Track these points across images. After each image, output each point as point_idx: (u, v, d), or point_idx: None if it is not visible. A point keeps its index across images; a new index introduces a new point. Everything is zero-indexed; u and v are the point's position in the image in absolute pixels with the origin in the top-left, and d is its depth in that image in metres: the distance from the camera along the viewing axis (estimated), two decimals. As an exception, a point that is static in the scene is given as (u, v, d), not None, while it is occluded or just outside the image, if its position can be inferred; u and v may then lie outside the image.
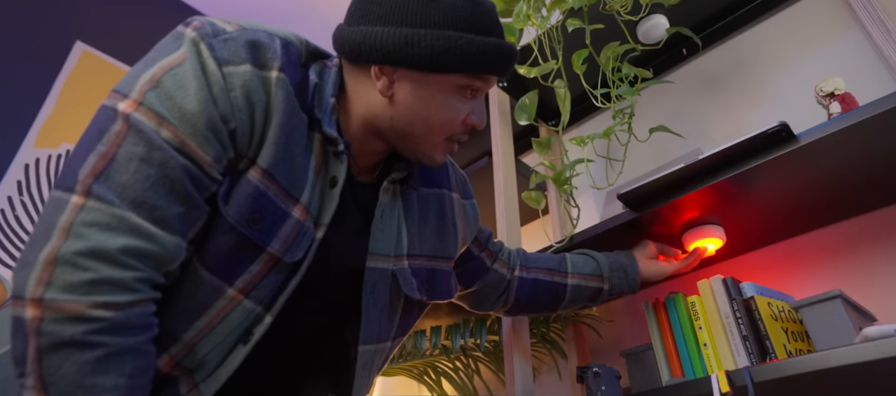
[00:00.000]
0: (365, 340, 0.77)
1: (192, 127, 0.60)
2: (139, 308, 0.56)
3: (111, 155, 0.57)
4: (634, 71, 1.25)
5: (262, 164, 0.65)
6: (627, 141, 1.28)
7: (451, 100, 0.73)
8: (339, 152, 0.72)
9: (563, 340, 1.45)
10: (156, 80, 0.61)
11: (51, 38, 2.46)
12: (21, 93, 2.29)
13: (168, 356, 0.64)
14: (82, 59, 2.52)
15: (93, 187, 0.55)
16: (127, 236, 0.55)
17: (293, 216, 0.67)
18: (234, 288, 0.65)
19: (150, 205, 0.57)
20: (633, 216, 1.08)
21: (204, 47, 0.63)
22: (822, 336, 0.84)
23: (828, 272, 1.13)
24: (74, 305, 0.52)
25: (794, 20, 1.38)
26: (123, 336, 0.54)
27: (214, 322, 0.65)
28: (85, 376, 0.51)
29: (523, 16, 1.33)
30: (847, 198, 1.05)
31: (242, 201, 0.64)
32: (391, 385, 1.90)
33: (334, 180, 0.72)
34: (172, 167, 0.59)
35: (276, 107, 0.65)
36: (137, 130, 0.58)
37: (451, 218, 0.90)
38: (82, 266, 0.53)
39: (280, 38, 0.68)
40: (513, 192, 1.40)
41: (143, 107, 0.59)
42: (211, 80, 0.62)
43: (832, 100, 1.01)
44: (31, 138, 2.26)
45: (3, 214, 2.10)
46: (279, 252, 0.67)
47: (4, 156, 2.20)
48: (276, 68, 0.66)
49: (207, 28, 0.64)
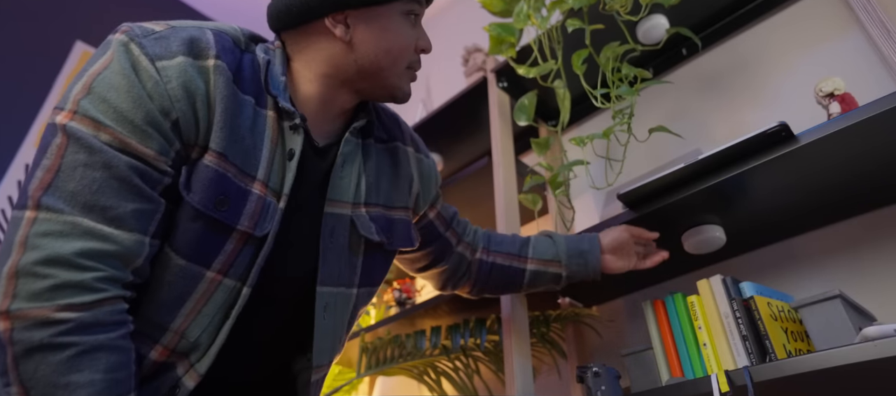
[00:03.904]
0: (324, 281, 0.79)
1: (130, 125, 0.62)
2: (106, 306, 0.58)
3: (56, 167, 0.59)
4: (634, 71, 1.25)
5: (215, 148, 0.67)
6: (627, 141, 1.28)
7: (403, 27, 0.79)
8: (295, 126, 0.75)
9: (563, 340, 1.45)
10: (87, 87, 0.62)
11: (51, 38, 2.46)
12: (21, 93, 2.29)
13: (161, 346, 0.67)
14: (82, 59, 2.52)
15: (42, 199, 0.58)
16: (81, 240, 0.57)
17: (254, 192, 0.70)
18: (212, 270, 0.68)
19: (101, 207, 0.59)
20: (632, 216, 1.08)
21: (134, 46, 0.64)
22: (822, 337, 0.84)
23: (828, 272, 1.13)
24: (39, 311, 0.54)
25: (794, 20, 1.38)
26: (93, 334, 0.56)
27: (199, 305, 0.68)
28: (60, 375, 0.54)
29: (523, 16, 1.34)
30: (847, 198, 1.06)
31: (205, 186, 0.66)
32: (391, 385, 1.90)
33: (291, 153, 0.74)
34: (116, 166, 0.60)
35: (218, 93, 0.67)
36: (76, 138, 0.60)
37: (405, 168, 0.94)
38: (42, 274, 0.55)
39: (211, 30, 0.71)
40: (512, 192, 1.40)
41: (79, 116, 0.61)
42: (143, 77, 0.63)
43: (832, 101, 1.01)
44: (31, 138, 2.27)
45: (3, 214, 2.10)
46: (249, 228, 0.69)
47: (4, 156, 2.20)
48: (213, 56, 0.68)
49: (136, 30, 0.66)
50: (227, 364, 0.75)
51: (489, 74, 1.63)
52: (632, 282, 1.35)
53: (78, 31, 2.55)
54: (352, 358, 1.74)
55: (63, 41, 2.50)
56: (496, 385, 1.58)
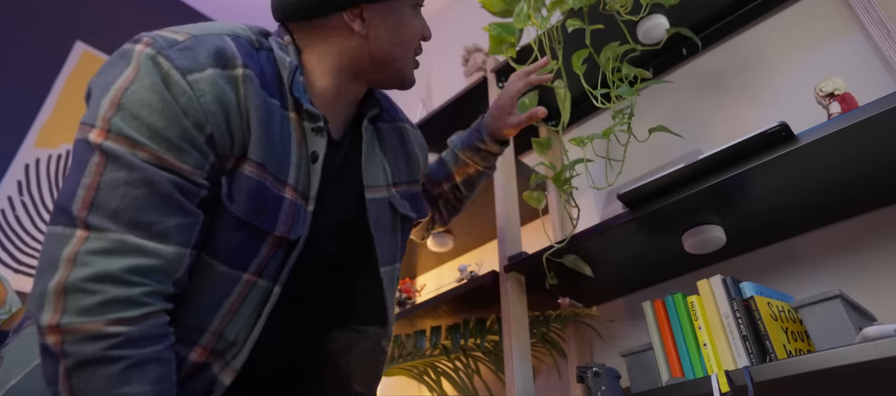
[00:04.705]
0: (384, 262, 0.85)
1: (166, 142, 0.62)
2: (152, 319, 0.60)
3: (96, 185, 0.60)
4: (634, 71, 1.25)
5: (254, 158, 0.68)
6: (627, 141, 1.28)
7: (413, 19, 0.83)
8: (318, 128, 0.76)
9: (563, 340, 1.45)
10: (116, 104, 0.62)
11: (51, 38, 2.46)
12: (21, 94, 2.29)
13: (200, 347, 0.69)
14: (82, 59, 2.52)
15: (88, 219, 0.59)
16: (129, 257, 0.59)
17: (287, 198, 0.72)
18: (249, 272, 0.70)
19: (147, 224, 0.60)
20: (633, 216, 1.08)
21: (162, 60, 0.64)
22: (822, 336, 0.84)
23: (828, 272, 1.13)
24: (91, 325, 0.56)
25: (794, 20, 1.38)
26: (142, 348, 0.58)
27: (236, 306, 0.70)
28: (112, 387, 0.56)
29: (523, 16, 1.34)
30: (847, 198, 1.06)
31: (248, 197, 0.68)
32: (391, 386, 1.90)
33: (315, 155, 0.76)
34: (158, 183, 0.61)
35: (250, 103, 0.68)
36: (114, 157, 0.60)
37: (410, 145, 0.97)
38: (92, 289, 0.57)
39: (229, 36, 0.70)
40: (513, 192, 1.40)
41: (112, 134, 0.61)
42: (176, 92, 0.63)
43: (832, 101, 1.01)
44: (31, 138, 2.27)
45: (3, 214, 2.11)
46: (284, 232, 0.72)
47: (4, 156, 2.20)
48: (240, 65, 0.68)
49: (160, 41, 0.65)
50: (255, 357, 0.78)
51: (489, 74, 1.63)
52: (632, 282, 1.35)
53: (78, 31, 2.55)
54: (352, 358, 1.74)
55: (63, 41, 2.50)
56: (496, 385, 1.58)
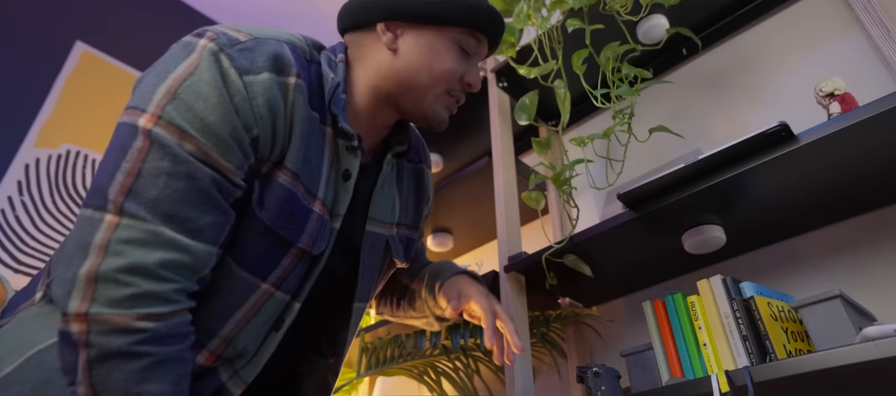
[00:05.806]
0: (359, 298, 0.82)
1: (215, 137, 0.61)
2: (178, 317, 0.59)
3: (136, 171, 0.58)
4: (634, 71, 1.25)
5: (289, 167, 0.68)
6: (627, 141, 1.28)
7: (450, 54, 0.80)
8: (352, 148, 0.75)
9: (563, 340, 1.45)
10: (173, 93, 0.61)
11: (51, 38, 2.46)
12: (21, 93, 2.29)
13: (207, 351, 0.68)
14: (82, 59, 2.52)
15: (124, 205, 0.57)
16: (162, 250, 0.57)
17: (315, 211, 0.71)
18: (268, 282, 0.69)
19: (182, 218, 0.59)
20: (632, 216, 1.08)
21: (224, 57, 0.64)
22: (822, 336, 0.84)
23: (828, 272, 1.13)
24: (120, 318, 0.55)
25: (794, 20, 1.38)
26: (166, 346, 0.57)
27: (250, 315, 0.69)
28: (133, 384, 0.54)
29: (523, 16, 1.34)
30: (847, 198, 1.06)
31: (277, 205, 0.67)
32: (391, 385, 1.90)
33: (347, 174, 0.75)
34: (200, 178, 0.60)
35: (297, 112, 0.68)
36: (161, 145, 0.59)
37: (425, 190, 0.96)
38: (123, 281, 0.55)
39: (287, 44, 0.71)
40: (513, 192, 1.40)
41: (163, 121, 0.60)
42: (232, 91, 0.63)
43: (832, 101, 1.01)
44: (32, 138, 2.26)
45: (3, 214, 2.10)
46: (308, 246, 0.71)
47: (4, 156, 2.20)
48: (294, 74, 0.68)
49: (223, 38, 0.65)
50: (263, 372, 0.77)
51: (489, 74, 1.63)
52: (632, 282, 1.35)
53: (78, 31, 2.55)
54: (352, 358, 1.74)
55: (63, 41, 2.49)
56: (496, 385, 1.58)
